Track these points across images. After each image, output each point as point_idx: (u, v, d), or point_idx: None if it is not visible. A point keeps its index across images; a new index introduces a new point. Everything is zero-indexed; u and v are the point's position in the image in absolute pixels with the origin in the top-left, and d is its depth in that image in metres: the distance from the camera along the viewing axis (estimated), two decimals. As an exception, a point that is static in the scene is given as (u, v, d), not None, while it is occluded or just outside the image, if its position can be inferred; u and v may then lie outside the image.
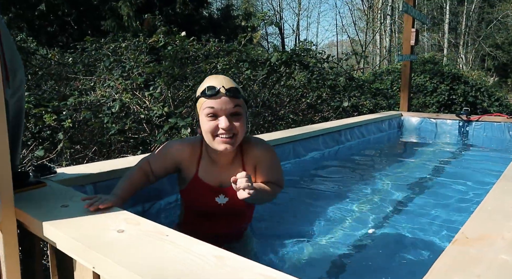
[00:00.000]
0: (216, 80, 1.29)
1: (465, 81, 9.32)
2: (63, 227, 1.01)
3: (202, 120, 1.29)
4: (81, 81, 4.47)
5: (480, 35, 24.70)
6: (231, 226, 1.50)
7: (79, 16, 10.80)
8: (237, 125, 1.27)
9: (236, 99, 1.27)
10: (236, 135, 1.28)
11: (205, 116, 1.27)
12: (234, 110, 1.26)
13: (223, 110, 1.25)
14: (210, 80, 1.30)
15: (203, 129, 1.29)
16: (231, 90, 1.26)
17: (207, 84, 1.28)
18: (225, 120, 1.24)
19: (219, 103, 1.25)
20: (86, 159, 3.14)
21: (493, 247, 0.89)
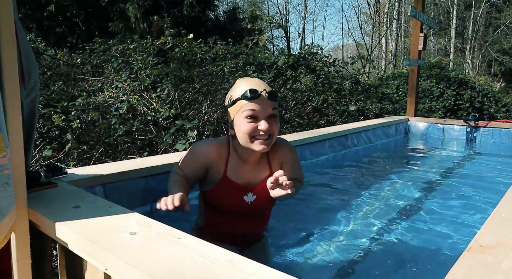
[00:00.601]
0: (255, 83, 1.33)
1: (471, 86, 9.28)
2: (75, 228, 1.01)
3: (240, 121, 1.32)
4: (89, 82, 4.50)
5: (487, 40, 24.58)
6: (254, 226, 1.53)
7: (88, 17, 10.88)
8: (274, 126, 1.33)
9: (275, 102, 1.33)
10: (272, 136, 1.33)
11: (244, 118, 1.30)
12: (273, 113, 1.32)
13: (263, 112, 1.30)
14: (248, 83, 1.33)
15: (241, 131, 1.32)
16: (272, 93, 1.31)
17: (247, 86, 1.31)
18: (265, 122, 1.29)
19: (260, 106, 1.29)
20: (93, 159, 3.16)
21: (510, 255, 0.88)
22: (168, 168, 1.87)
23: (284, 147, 1.49)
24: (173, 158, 1.98)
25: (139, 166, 1.76)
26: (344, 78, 6.93)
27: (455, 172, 3.25)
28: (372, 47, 21.70)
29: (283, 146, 1.49)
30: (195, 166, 1.41)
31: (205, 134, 4.00)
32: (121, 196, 1.63)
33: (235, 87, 1.36)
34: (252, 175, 1.44)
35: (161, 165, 1.84)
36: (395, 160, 3.74)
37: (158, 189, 1.84)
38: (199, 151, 1.42)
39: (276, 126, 1.33)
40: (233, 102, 1.33)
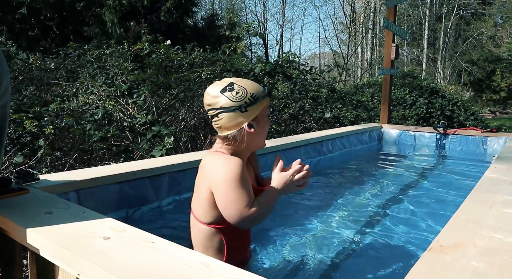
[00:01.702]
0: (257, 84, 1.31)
1: (442, 95, 9.64)
2: (47, 234, 1.01)
3: (265, 118, 1.33)
4: (63, 87, 4.41)
5: (457, 51, 25.61)
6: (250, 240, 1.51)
7: (62, 21, 10.67)
8: None
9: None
10: None
11: (265, 116, 1.33)
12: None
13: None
14: (252, 82, 1.30)
15: (266, 127, 1.34)
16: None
17: (257, 86, 1.29)
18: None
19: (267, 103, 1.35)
20: (67, 166, 3.09)
21: (465, 254, 0.94)
22: (143, 174, 1.87)
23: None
24: (149, 164, 1.99)
25: (114, 172, 1.76)
26: (320, 86, 7.07)
27: (425, 177, 3.38)
28: (348, 56, 22.21)
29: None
30: (250, 183, 1.28)
31: (182, 140, 3.99)
32: (96, 202, 1.62)
33: (247, 87, 1.26)
34: (251, 174, 1.42)
35: (136, 171, 1.83)
36: (368, 166, 3.85)
37: (134, 195, 1.84)
38: (242, 170, 1.23)
39: None
40: (257, 100, 1.25)
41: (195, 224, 1.33)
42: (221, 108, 1.24)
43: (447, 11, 24.61)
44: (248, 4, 32.44)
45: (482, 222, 1.18)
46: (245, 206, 1.20)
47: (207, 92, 1.27)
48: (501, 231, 1.10)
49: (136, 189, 1.84)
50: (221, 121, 1.25)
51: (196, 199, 1.32)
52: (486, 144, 3.97)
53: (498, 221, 1.19)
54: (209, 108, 1.27)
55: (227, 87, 1.24)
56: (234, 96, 1.23)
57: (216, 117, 1.26)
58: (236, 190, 1.19)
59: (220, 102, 1.23)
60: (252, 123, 1.26)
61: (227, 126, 1.26)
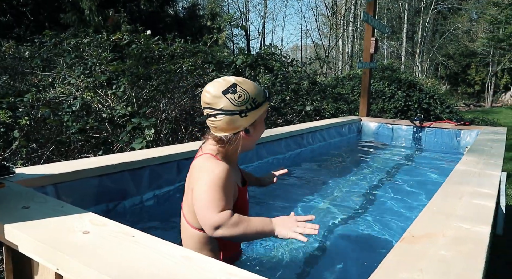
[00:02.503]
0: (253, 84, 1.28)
1: (420, 88, 9.87)
2: (25, 229, 1.00)
3: (261, 123, 1.31)
4: (39, 77, 4.28)
5: (435, 45, 26.17)
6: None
7: (37, 7, 10.28)
8: None
9: None
10: None
11: (263, 122, 1.32)
12: None
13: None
14: (254, 84, 1.27)
15: (261, 130, 1.33)
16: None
17: (258, 89, 1.26)
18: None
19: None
20: (44, 158, 3.03)
21: (435, 244, 0.99)
22: (124, 167, 1.86)
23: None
24: (129, 157, 1.97)
25: (93, 165, 1.74)
26: (302, 78, 7.12)
27: (401, 168, 3.48)
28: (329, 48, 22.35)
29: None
30: (232, 189, 1.23)
31: (163, 133, 3.96)
32: (75, 196, 1.60)
33: (249, 89, 1.23)
34: (238, 175, 1.38)
35: (116, 164, 1.82)
36: (347, 158, 3.93)
37: (114, 189, 1.83)
38: (226, 177, 1.19)
39: None
40: (259, 105, 1.24)
41: (186, 228, 1.28)
42: (221, 110, 1.20)
43: (425, 6, 25.04)
44: (230, -6, 32.05)
45: (452, 213, 1.24)
46: (217, 212, 1.13)
47: (208, 90, 1.21)
48: (468, 221, 1.16)
49: (116, 183, 1.83)
50: (219, 123, 1.22)
51: (185, 201, 1.29)
52: (460, 136, 4.12)
53: (467, 211, 1.25)
54: (208, 107, 1.22)
55: (230, 88, 1.20)
56: (236, 100, 1.19)
57: (214, 118, 1.22)
58: (212, 194, 1.15)
59: (221, 103, 1.19)
60: (249, 128, 1.25)
61: (223, 128, 1.22)
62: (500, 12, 14.63)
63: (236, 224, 1.13)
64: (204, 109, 1.24)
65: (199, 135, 4.20)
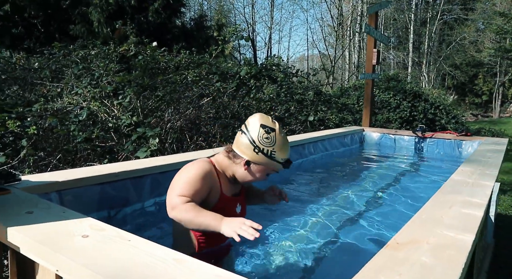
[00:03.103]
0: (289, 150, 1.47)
1: (425, 98, 9.86)
2: (27, 232, 1.06)
3: (260, 172, 1.46)
4: (47, 87, 4.40)
5: (441, 55, 26.14)
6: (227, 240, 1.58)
7: (47, 19, 10.54)
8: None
9: None
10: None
11: (263, 172, 1.47)
12: None
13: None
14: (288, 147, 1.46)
15: (253, 179, 1.48)
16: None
17: (287, 153, 1.47)
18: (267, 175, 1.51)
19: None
20: (50, 166, 3.11)
21: (418, 250, 1.02)
22: (126, 175, 1.92)
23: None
24: (131, 165, 2.03)
25: (96, 173, 1.80)
26: (307, 89, 7.18)
27: (402, 179, 3.50)
28: (335, 58, 22.45)
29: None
30: (205, 189, 1.38)
31: (168, 142, 4.03)
32: (78, 202, 1.66)
33: (278, 142, 1.42)
34: (235, 188, 1.55)
35: (118, 172, 1.88)
36: (349, 167, 3.95)
37: (115, 196, 1.89)
38: (205, 173, 1.38)
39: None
40: (272, 158, 1.42)
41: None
42: (248, 133, 1.42)
43: (432, 16, 25.11)
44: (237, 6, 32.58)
45: (439, 221, 1.27)
46: (176, 195, 1.30)
47: (256, 116, 1.45)
48: (454, 229, 1.19)
49: (118, 190, 1.89)
50: (240, 139, 1.45)
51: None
52: (461, 147, 4.13)
53: (454, 220, 1.29)
54: (246, 125, 1.45)
55: (268, 128, 1.42)
56: (262, 137, 1.41)
57: (240, 133, 1.45)
58: (181, 181, 1.34)
59: (252, 130, 1.42)
60: (252, 163, 1.44)
61: (238, 145, 1.45)
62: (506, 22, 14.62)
63: (186, 211, 1.27)
64: (243, 124, 1.47)
65: (204, 144, 4.26)
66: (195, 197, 1.33)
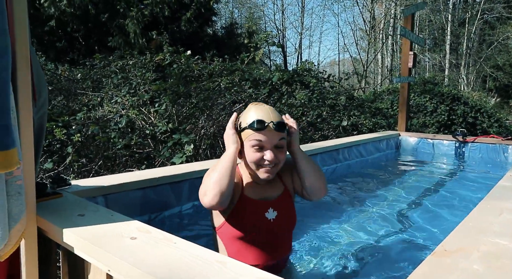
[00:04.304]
0: (263, 113, 1.32)
1: (464, 102, 9.47)
2: (81, 233, 1.11)
3: (247, 150, 1.33)
4: (89, 97, 4.62)
5: (481, 56, 25.01)
6: (279, 252, 1.44)
7: (87, 32, 11.09)
8: (280, 156, 1.33)
9: (282, 133, 1.33)
10: (278, 164, 1.34)
11: (251, 147, 1.31)
12: (278, 143, 1.32)
13: (269, 143, 1.30)
14: (257, 112, 1.32)
15: (248, 159, 1.34)
16: (280, 125, 1.31)
17: (255, 116, 1.31)
18: (271, 153, 1.30)
19: (267, 137, 1.29)
20: (92, 172, 3.25)
21: (468, 258, 0.99)
22: (165, 180, 1.98)
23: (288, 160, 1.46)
24: (170, 171, 2.10)
25: (138, 178, 1.87)
26: (338, 94, 7.10)
27: (443, 186, 3.36)
28: (368, 63, 22.05)
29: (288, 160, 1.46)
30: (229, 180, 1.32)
31: (202, 148, 4.11)
32: (121, 206, 1.73)
33: (245, 114, 1.36)
34: (267, 191, 1.42)
35: (159, 177, 1.94)
36: (385, 173, 3.85)
37: (156, 200, 1.95)
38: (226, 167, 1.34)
39: (282, 154, 1.35)
40: (242, 130, 1.34)
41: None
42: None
43: (471, 16, 24.14)
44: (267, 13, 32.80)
45: (489, 228, 1.22)
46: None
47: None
48: (506, 237, 1.14)
49: (158, 195, 1.95)
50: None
51: None
52: (507, 152, 3.92)
53: (505, 227, 1.23)
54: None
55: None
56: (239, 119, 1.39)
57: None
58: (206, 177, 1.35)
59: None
60: (241, 149, 1.36)
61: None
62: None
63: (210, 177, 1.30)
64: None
65: (236, 150, 4.29)
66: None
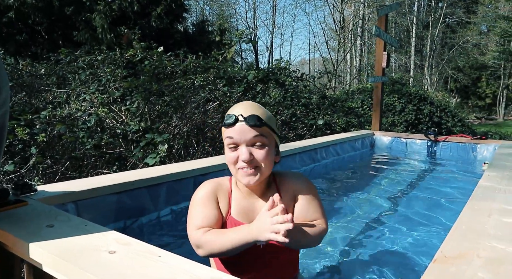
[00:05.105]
0: (238, 108, 1.15)
1: (431, 102, 9.80)
2: (51, 248, 0.99)
3: (225, 150, 1.17)
4: (54, 94, 4.36)
5: (444, 58, 26.10)
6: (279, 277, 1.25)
7: (51, 26, 10.54)
8: (259, 156, 1.12)
9: (256, 128, 1.11)
10: (259, 167, 1.14)
11: (227, 146, 1.15)
12: (254, 140, 1.12)
13: (242, 140, 1.12)
14: (234, 107, 1.17)
15: (226, 160, 1.17)
16: (250, 118, 1.11)
17: (229, 111, 1.16)
18: (245, 151, 1.11)
19: (238, 133, 1.11)
20: (58, 174, 3.05)
21: (471, 265, 0.95)
22: (141, 184, 1.86)
23: (297, 179, 1.25)
24: (146, 173, 1.97)
25: (112, 182, 1.74)
26: (311, 93, 7.12)
27: (418, 184, 3.42)
28: (337, 62, 22.43)
29: (296, 178, 1.26)
30: (212, 208, 1.18)
31: (175, 148, 3.98)
32: (94, 213, 1.59)
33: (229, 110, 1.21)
34: (257, 211, 1.21)
35: (134, 181, 1.82)
36: (362, 172, 3.88)
37: (132, 206, 1.82)
38: (204, 190, 1.21)
39: (264, 155, 1.13)
40: (223, 125, 1.18)
41: None
42: None
43: (434, 19, 25.10)
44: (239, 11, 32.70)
45: (483, 231, 1.20)
46: (192, 230, 1.13)
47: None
48: (502, 241, 1.12)
49: (134, 200, 1.82)
50: None
51: None
52: (476, 151, 4.05)
53: (498, 230, 1.21)
54: None
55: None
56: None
57: None
58: (190, 213, 1.18)
59: None
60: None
61: None
62: (511, 26, 14.60)
63: (211, 241, 1.09)
64: None
65: (211, 150, 4.20)
66: (210, 221, 1.15)
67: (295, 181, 1.24)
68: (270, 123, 1.15)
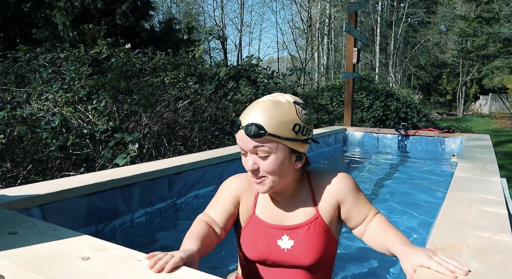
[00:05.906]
0: (245, 112, 1.05)
1: (397, 98, 10.10)
2: (14, 258, 0.89)
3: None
4: (13, 94, 4.09)
5: (407, 57, 27.03)
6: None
7: (7, 23, 9.97)
8: (263, 167, 1.02)
9: (256, 139, 0.99)
10: (265, 177, 1.04)
11: (241, 151, 1.08)
12: (255, 150, 1.01)
13: (246, 148, 1.03)
14: (245, 110, 1.06)
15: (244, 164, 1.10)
16: (248, 128, 0.98)
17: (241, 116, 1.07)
18: (249, 159, 1.03)
19: (241, 141, 1.03)
20: (19, 178, 2.86)
21: (462, 255, 0.94)
22: (113, 184, 1.75)
23: (336, 181, 1.13)
24: (118, 173, 1.86)
25: (81, 183, 1.62)
26: (282, 90, 7.13)
27: (390, 177, 3.49)
28: (306, 60, 22.69)
29: (334, 178, 1.13)
30: (224, 204, 1.14)
31: (146, 147, 3.84)
32: (63, 217, 1.48)
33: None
34: (286, 214, 1.13)
35: (105, 181, 1.71)
36: (335, 167, 3.91)
37: (103, 208, 1.71)
38: (229, 184, 1.18)
39: (268, 166, 1.01)
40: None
41: None
42: None
43: (397, 19, 25.94)
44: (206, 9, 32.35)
45: (467, 221, 1.20)
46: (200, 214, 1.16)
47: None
48: (487, 230, 1.13)
49: (105, 202, 1.71)
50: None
51: None
52: (444, 144, 4.18)
53: (481, 220, 1.22)
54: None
55: None
56: None
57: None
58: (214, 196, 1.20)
59: None
60: None
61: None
62: (468, 26, 15.30)
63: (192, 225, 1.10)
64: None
65: (183, 149, 4.10)
66: (216, 215, 1.12)
67: (333, 183, 1.13)
68: (277, 131, 0.99)
